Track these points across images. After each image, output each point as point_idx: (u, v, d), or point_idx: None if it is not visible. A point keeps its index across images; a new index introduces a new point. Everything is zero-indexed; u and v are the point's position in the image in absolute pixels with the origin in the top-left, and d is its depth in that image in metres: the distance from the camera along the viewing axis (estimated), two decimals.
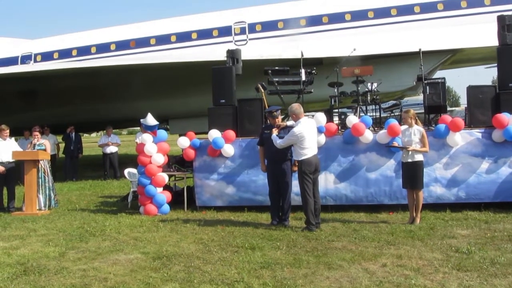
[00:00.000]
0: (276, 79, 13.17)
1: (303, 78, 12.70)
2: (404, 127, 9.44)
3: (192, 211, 11.02)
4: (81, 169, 20.62)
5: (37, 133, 12.72)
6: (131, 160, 15.07)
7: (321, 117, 10.55)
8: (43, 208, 11.70)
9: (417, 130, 9.03)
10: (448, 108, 29.57)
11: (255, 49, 18.21)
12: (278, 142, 8.90)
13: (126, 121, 24.59)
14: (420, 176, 9.07)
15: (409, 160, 8.97)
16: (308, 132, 8.78)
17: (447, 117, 10.37)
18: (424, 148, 9.02)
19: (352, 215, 9.94)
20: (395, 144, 9.61)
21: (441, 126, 10.04)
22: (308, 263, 6.78)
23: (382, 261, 6.74)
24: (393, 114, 14.71)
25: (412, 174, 9.00)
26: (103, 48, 20.91)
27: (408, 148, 8.93)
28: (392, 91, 18.10)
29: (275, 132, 9.11)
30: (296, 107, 9.06)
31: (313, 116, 10.62)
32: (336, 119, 13.04)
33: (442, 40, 17.27)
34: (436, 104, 11.72)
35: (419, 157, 8.99)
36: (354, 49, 13.33)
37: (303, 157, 8.74)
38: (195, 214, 10.78)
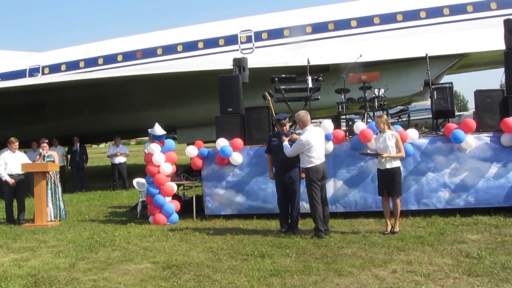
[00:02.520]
0: (283, 87, 13.19)
1: (310, 85, 12.71)
2: (378, 133, 9.22)
3: (201, 220, 11.04)
4: (90, 180, 20.72)
5: (45, 144, 12.73)
6: (140, 170, 15.13)
7: (328, 124, 10.54)
8: (53, 219, 11.75)
9: (391, 135, 8.85)
10: (456, 113, 29.47)
11: (262, 57, 18.27)
12: (287, 151, 8.90)
13: (134, 131, 24.70)
14: (399, 182, 8.90)
15: (387, 167, 8.78)
16: (315, 140, 8.77)
17: (451, 125, 10.31)
18: (400, 154, 8.85)
19: (361, 221, 9.92)
20: (369, 151, 9.43)
21: (457, 132, 9.97)
22: (318, 270, 6.76)
23: (392, 267, 6.71)
24: (400, 120, 14.69)
25: (390, 181, 8.80)
26: (110, 59, 21.03)
27: (382, 155, 8.75)
28: (400, 97, 18.07)
29: (286, 140, 9.09)
30: (303, 114, 9.05)
31: (320, 123, 10.62)
32: (343, 125, 13.03)
33: (448, 45, 17.27)
34: (444, 109, 11.72)
35: (396, 163, 8.83)
36: (361, 55, 13.33)
37: (311, 165, 8.73)
38: (204, 222, 10.79)
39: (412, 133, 10.33)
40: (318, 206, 8.71)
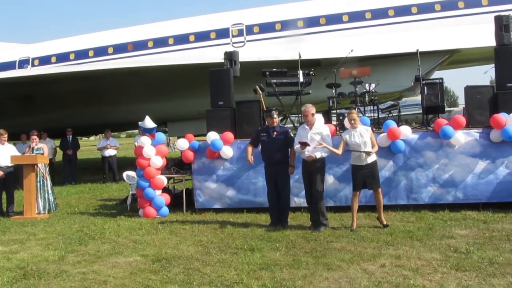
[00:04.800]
0: (274, 81, 13.19)
1: (301, 79, 12.72)
2: (349, 129, 9.07)
3: (191, 213, 11.03)
4: (80, 173, 20.63)
5: (35, 137, 12.65)
6: (130, 163, 15.06)
7: (319, 118, 10.52)
8: (42, 212, 11.70)
9: (365, 129, 8.89)
10: (446, 109, 29.61)
11: (253, 51, 18.24)
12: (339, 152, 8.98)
13: (125, 124, 24.59)
14: (378, 174, 9.05)
15: (368, 162, 8.78)
16: None
17: (441, 121, 10.34)
18: (376, 147, 9.03)
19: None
20: (307, 142, 8.85)
21: (446, 128, 10.00)
22: (307, 264, 6.79)
23: (381, 261, 6.75)
24: (391, 115, 14.73)
25: (370, 175, 8.83)
26: (101, 51, 20.90)
27: (370, 153, 8.71)
28: (390, 92, 18.12)
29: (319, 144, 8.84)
30: (311, 106, 9.15)
31: None
32: (334, 120, 13.04)
33: (439, 41, 17.31)
34: (434, 105, 11.76)
35: (373, 157, 8.89)
36: (352, 50, 13.33)
37: (326, 154, 8.88)
38: (194, 216, 10.78)
39: (406, 130, 10.32)
40: None
